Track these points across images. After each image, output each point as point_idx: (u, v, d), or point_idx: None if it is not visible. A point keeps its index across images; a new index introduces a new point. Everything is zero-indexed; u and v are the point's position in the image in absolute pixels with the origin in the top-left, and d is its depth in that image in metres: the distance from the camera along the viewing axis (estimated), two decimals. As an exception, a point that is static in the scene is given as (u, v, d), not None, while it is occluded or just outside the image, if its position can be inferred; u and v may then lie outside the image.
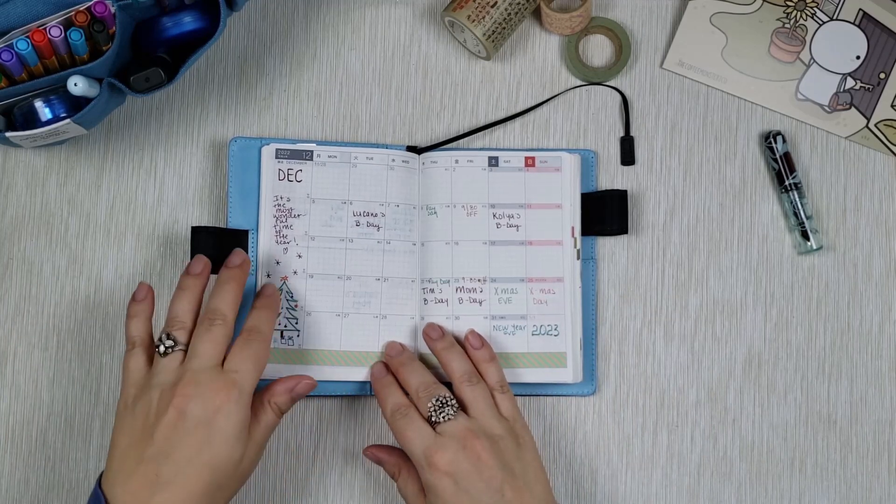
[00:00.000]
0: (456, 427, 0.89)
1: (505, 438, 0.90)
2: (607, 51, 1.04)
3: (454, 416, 0.90)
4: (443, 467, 0.88)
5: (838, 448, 1.00)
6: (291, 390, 0.91)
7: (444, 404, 0.90)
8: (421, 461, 0.89)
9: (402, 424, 0.90)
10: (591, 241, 1.01)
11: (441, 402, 0.91)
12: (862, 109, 1.03)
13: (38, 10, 0.89)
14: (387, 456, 0.94)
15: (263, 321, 0.90)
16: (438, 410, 0.90)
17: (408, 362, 0.95)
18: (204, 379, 0.86)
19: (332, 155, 1.00)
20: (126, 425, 0.86)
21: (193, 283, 0.91)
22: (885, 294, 1.01)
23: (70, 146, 1.01)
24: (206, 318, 0.88)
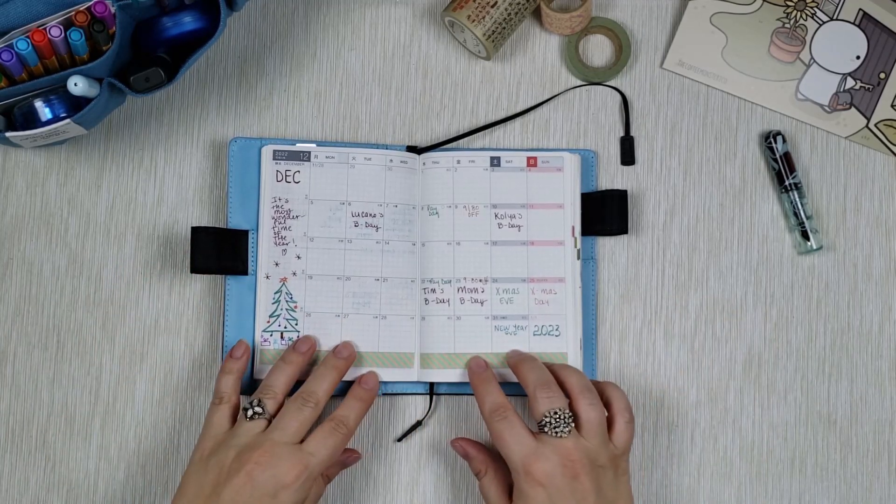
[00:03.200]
0: (566, 445, 0.88)
1: (606, 468, 0.89)
2: (607, 51, 1.04)
3: (566, 435, 0.88)
4: (540, 478, 0.87)
5: (838, 448, 1.00)
6: (341, 463, 0.96)
7: (562, 420, 0.88)
8: (518, 467, 0.88)
9: (502, 427, 0.89)
10: (592, 241, 1.01)
11: (560, 417, 0.89)
12: (862, 109, 1.03)
13: (38, 10, 0.89)
14: (476, 452, 0.94)
15: (354, 414, 0.92)
16: (554, 424, 0.88)
17: (528, 359, 0.94)
18: (281, 453, 0.87)
19: (329, 156, 1.00)
20: (197, 476, 0.88)
21: (297, 359, 0.94)
22: (885, 294, 1.01)
23: (70, 146, 1.01)
24: (300, 397, 0.91)
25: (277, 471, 0.86)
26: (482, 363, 0.95)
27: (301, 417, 0.89)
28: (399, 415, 0.99)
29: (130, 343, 0.99)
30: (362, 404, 0.93)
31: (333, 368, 0.93)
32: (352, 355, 0.95)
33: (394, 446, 0.99)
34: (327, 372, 0.93)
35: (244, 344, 0.95)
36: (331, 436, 0.89)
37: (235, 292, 0.98)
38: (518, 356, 0.95)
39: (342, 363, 0.94)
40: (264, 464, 0.86)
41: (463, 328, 0.98)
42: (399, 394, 0.99)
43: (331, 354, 0.95)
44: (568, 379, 0.92)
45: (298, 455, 0.87)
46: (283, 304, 0.97)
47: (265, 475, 0.86)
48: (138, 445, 0.98)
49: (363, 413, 0.93)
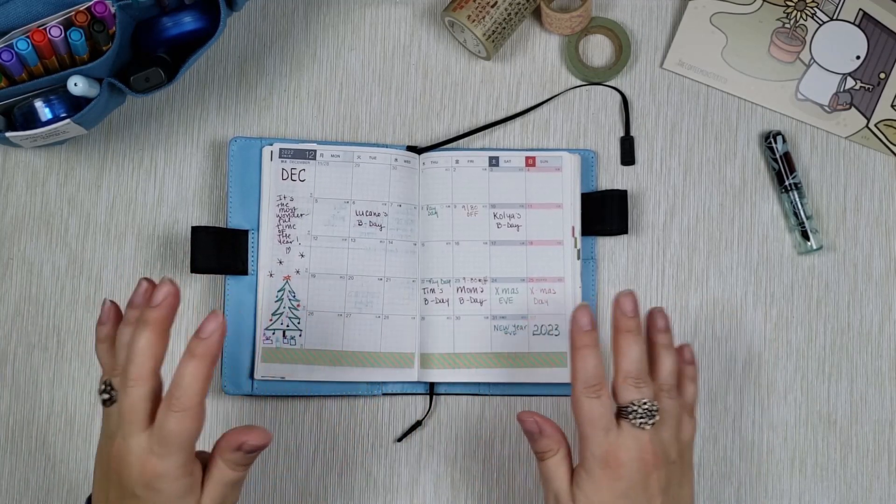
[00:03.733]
0: (645, 438, 0.83)
1: (676, 465, 0.85)
2: (607, 51, 1.04)
3: (650, 429, 0.83)
4: (616, 468, 0.82)
5: (838, 448, 1.00)
6: (239, 447, 0.79)
7: (650, 413, 0.83)
8: (596, 451, 0.83)
9: (592, 406, 0.82)
10: (591, 241, 1.01)
11: (647, 409, 0.83)
12: (862, 109, 1.03)
13: (38, 10, 0.89)
14: (552, 430, 0.86)
15: (187, 381, 0.77)
16: (640, 415, 0.83)
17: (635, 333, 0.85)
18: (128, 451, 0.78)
19: (334, 154, 1.00)
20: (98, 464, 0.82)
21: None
22: (885, 294, 1.01)
23: (70, 146, 1.01)
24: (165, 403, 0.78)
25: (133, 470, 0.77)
26: (588, 320, 0.84)
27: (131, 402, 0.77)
28: (399, 415, 0.99)
29: (130, 343, 0.99)
30: (199, 362, 0.77)
31: (197, 357, 0.77)
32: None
33: (394, 446, 0.99)
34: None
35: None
36: (167, 420, 0.76)
37: (235, 292, 0.98)
38: (625, 325, 0.85)
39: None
40: (123, 461, 0.78)
41: (462, 328, 0.98)
42: (399, 394, 0.99)
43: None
44: (662, 366, 0.87)
45: (146, 458, 0.77)
46: (286, 303, 0.97)
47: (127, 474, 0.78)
48: (138, 445, 0.98)
49: (204, 374, 0.77)
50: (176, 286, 0.79)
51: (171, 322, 0.79)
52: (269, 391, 0.97)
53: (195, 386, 0.76)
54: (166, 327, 0.78)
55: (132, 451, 0.77)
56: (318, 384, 0.98)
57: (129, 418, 0.77)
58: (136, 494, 0.78)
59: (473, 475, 0.99)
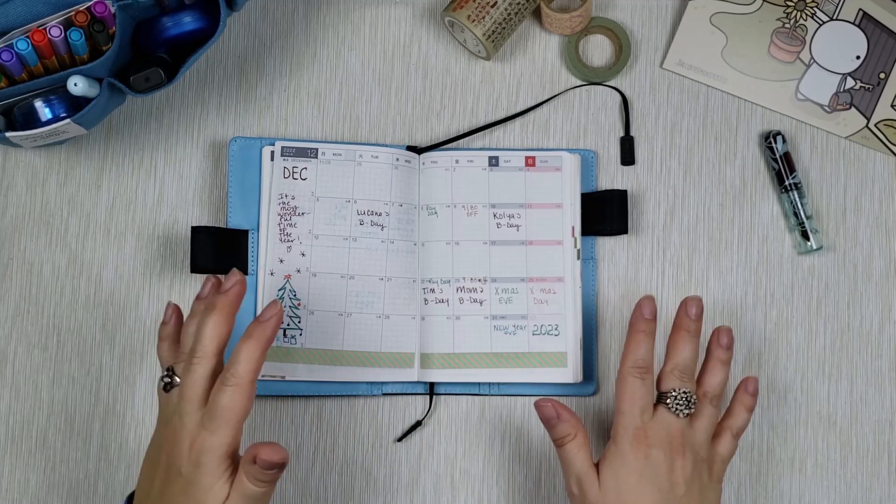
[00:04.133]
0: (677, 425, 0.88)
1: (704, 464, 0.89)
2: (607, 51, 1.04)
3: (684, 418, 0.88)
4: (645, 447, 0.86)
5: (838, 448, 1.00)
6: (254, 459, 0.80)
7: (686, 403, 0.88)
8: (629, 427, 0.87)
9: (635, 385, 0.88)
10: (591, 241, 1.01)
11: (686, 399, 0.89)
12: (862, 109, 1.03)
13: (38, 10, 0.89)
14: (569, 416, 0.89)
15: (243, 359, 0.81)
16: (678, 401, 0.88)
17: (693, 335, 0.91)
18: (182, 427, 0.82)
19: (336, 153, 1.00)
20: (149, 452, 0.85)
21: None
22: (885, 294, 1.01)
23: (70, 146, 1.01)
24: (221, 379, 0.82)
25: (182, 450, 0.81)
26: (654, 310, 0.91)
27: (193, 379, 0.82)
28: (399, 415, 0.99)
29: (130, 343, 0.99)
30: (255, 343, 0.81)
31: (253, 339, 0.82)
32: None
33: (394, 446, 0.99)
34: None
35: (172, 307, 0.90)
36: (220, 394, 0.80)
37: (235, 292, 0.98)
38: (686, 325, 0.91)
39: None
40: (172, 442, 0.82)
41: (462, 328, 0.98)
42: (399, 394, 0.99)
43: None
44: (712, 376, 0.92)
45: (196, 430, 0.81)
46: (287, 302, 0.97)
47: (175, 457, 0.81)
48: (138, 445, 0.98)
49: (258, 355, 0.81)
50: (243, 276, 0.85)
51: (236, 308, 0.84)
52: (269, 391, 0.97)
53: (249, 364, 0.81)
54: (232, 312, 0.83)
55: (185, 427, 0.82)
56: (318, 384, 0.98)
57: (189, 394, 0.82)
58: (182, 473, 0.81)
59: (473, 475, 0.99)
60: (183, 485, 0.81)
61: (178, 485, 0.81)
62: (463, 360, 0.98)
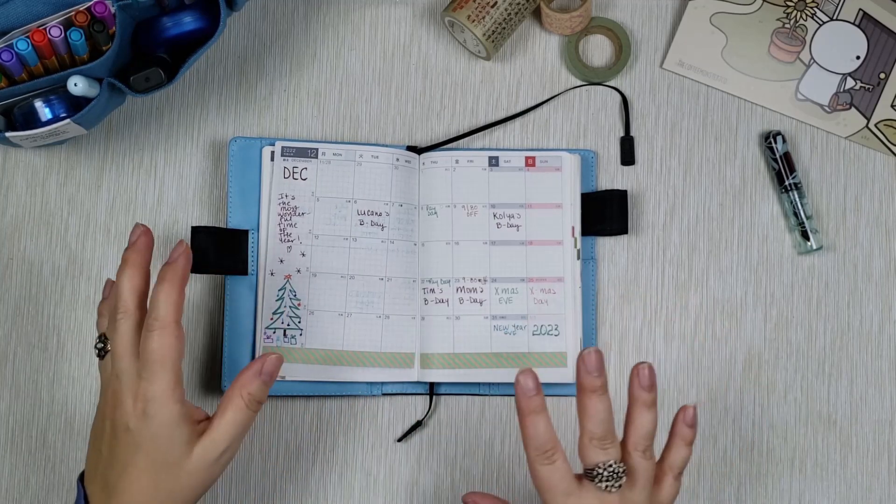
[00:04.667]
0: (608, 498, 0.79)
1: None
2: (607, 51, 1.04)
3: (616, 491, 0.79)
4: None
5: (838, 448, 1.00)
6: (259, 373, 0.83)
7: (615, 476, 0.79)
8: None
9: (547, 472, 0.80)
10: (591, 241, 1.01)
11: (613, 472, 0.79)
12: (862, 109, 1.03)
13: (38, 10, 0.89)
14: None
15: (161, 302, 0.81)
16: (606, 478, 0.79)
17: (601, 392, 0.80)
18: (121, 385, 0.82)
19: (336, 153, 1.00)
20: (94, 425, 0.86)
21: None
22: (885, 294, 1.01)
23: (70, 146, 1.01)
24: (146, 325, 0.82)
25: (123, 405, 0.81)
26: (532, 384, 0.79)
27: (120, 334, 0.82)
28: (399, 415, 0.99)
29: (130, 343, 0.99)
30: (169, 284, 0.82)
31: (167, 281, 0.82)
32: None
33: (394, 446, 0.99)
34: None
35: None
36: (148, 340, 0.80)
37: (235, 292, 0.98)
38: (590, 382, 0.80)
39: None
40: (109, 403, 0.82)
41: (462, 328, 0.98)
42: (399, 394, 0.99)
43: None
44: (638, 425, 0.81)
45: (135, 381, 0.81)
46: (287, 302, 0.97)
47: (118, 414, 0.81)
48: (138, 445, 0.98)
49: (175, 296, 0.82)
50: (146, 227, 0.86)
51: (147, 259, 0.85)
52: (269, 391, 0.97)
53: (168, 305, 0.81)
54: (143, 263, 0.85)
55: (124, 384, 0.81)
56: (318, 384, 0.98)
57: (120, 351, 0.82)
58: (129, 428, 0.81)
59: (473, 475, 0.99)
60: (133, 441, 0.80)
61: (128, 442, 0.80)
62: (463, 360, 0.98)
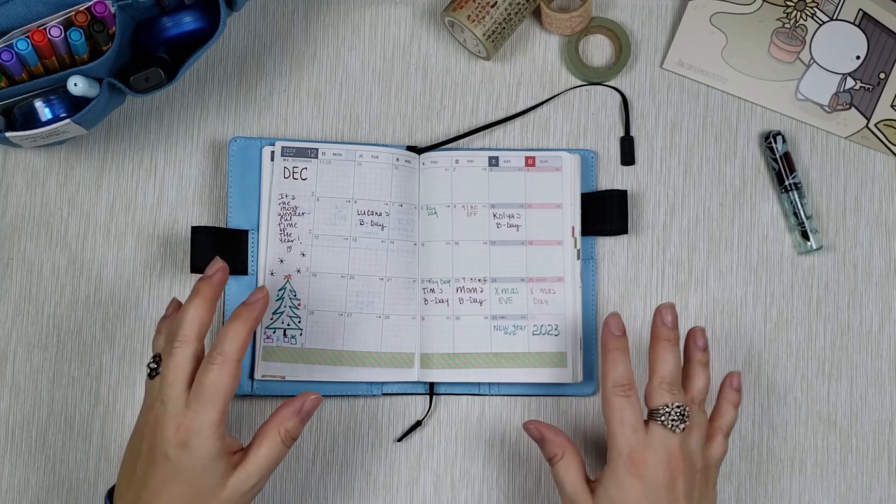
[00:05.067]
0: (674, 442, 0.85)
1: (700, 475, 0.87)
2: (607, 51, 1.04)
3: (680, 433, 0.86)
4: (642, 469, 0.84)
5: (838, 448, 1.00)
6: (299, 411, 0.85)
7: (682, 417, 0.86)
8: (623, 450, 0.85)
9: (622, 405, 0.86)
10: (591, 241, 1.01)
11: (679, 413, 0.86)
12: (862, 109, 1.03)
13: (38, 10, 0.89)
14: (553, 435, 0.89)
15: (229, 338, 0.83)
16: (672, 417, 0.86)
17: (673, 343, 0.89)
18: (165, 411, 0.82)
19: (336, 153, 1.00)
20: (130, 442, 0.86)
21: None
22: (885, 294, 1.01)
23: (70, 146, 1.01)
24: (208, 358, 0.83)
25: (167, 432, 0.81)
26: (621, 325, 0.89)
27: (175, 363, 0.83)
28: (399, 415, 0.99)
29: (130, 343, 0.99)
30: (242, 323, 0.83)
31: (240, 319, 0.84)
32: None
33: (394, 446, 0.99)
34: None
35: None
36: (206, 373, 0.81)
37: (235, 292, 0.98)
38: (665, 335, 0.89)
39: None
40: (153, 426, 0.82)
41: (462, 328, 0.98)
42: (399, 394, 0.99)
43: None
44: (696, 381, 0.90)
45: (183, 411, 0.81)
46: (287, 302, 0.97)
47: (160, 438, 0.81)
48: (138, 445, 0.98)
49: (245, 335, 0.83)
50: (225, 264, 0.87)
51: (218, 294, 0.85)
52: (269, 391, 0.97)
53: (236, 343, 0.82)
54: (214, 297, 0.85)
55: (169, 412, 0.82)
56: (318, 384, 0.98)
57: (171, 378, 0.82)
58: (168, 456, 0.81)
59: (473, 475, 0.99)
60: (170, 469, 0.81)
61: (165, 469, 0.81)
62: (463, 360, 0.98)
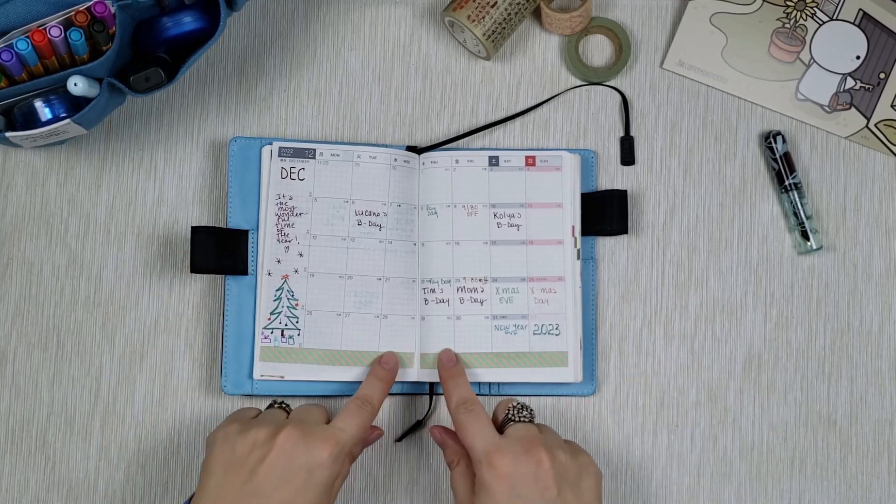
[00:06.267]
0: (525, 431, 0.88)
1: (568, 460, 0.87)
2: (607, 51, 1.04)
3: (530, 419, 0.90)
4: (502, 469, 0.85)
5: (838, 448, 1.00)
6: (365, 441, 0.93)
7: (525, 408, 0.91)
8: (481, 458, 0.87)
9: (467, 419, 0.90)
10: (591, 240, 1.01)
11: (521, 406, 0.91)
12: (862, 109, 1.03)
13: (38, 10, 0.89)
14: (452, 442, 0.92)
15: (376, 392, 0.93)
16: (519, 409, 0.91)
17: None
18: (313, 430, 0.87)
19: (334, 153, 1.00)
20: (224, 454, 0.86)
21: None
22: (885, 294, 1.01)
23: (70, 146, 1.01)
24: (357, 400, 0.92)
25: (311, 446, 0.85)
26: (452, 356, 0.97)
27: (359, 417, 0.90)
28: (399, 415, 0.99)
29: (130, 343, 0.99)
30: (383, 383, 0.94)
31: (380, 379, 0.95)
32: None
33: (394, 446, 0.99)
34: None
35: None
36: (358, 413, 0.90)
37: (235, 292, 0.98)
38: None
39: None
40: (295, 438, 0.86)
41: (463, 328, 0.98)
42: (399, 394, 0.99)
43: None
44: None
45: (329, 431, 0.87)
46: (285, 302, 0.97)
47: (299, 451, 0.85)
48: (138, 445, 0.98)
49: (385, 391, 0.94)
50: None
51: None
52: (269, 391, 0.97)
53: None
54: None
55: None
56: (317, 384, 0.98)
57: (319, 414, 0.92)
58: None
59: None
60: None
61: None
62: (463, 359, 0.98)
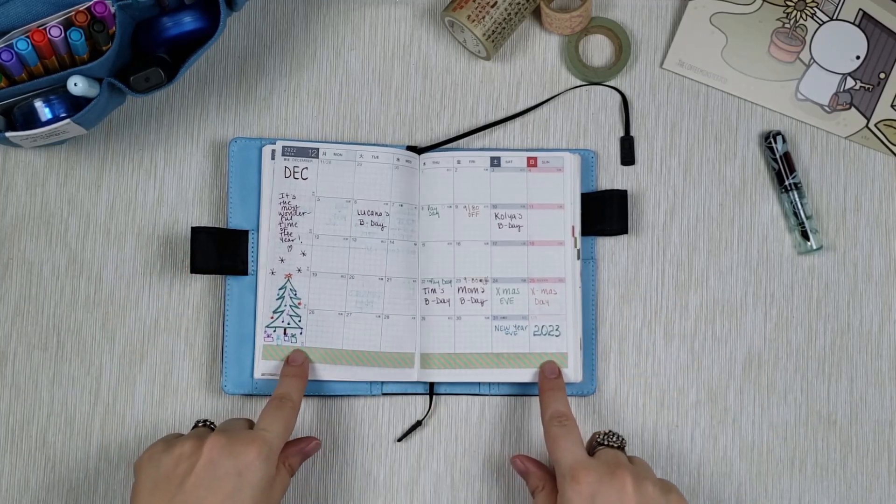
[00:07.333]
0: (614, 456, 0.88)
1: (657, 494, 0.86)
2: (607, 51, 1.04)
3: (619, 445, 0.90)
4: (585, 486, 0.85)
5: (838, 448, 1.00)
6: (302, 451, 0.93)
7: (615, 435, 0.91)
8: (566, 473, 0.86)
9: (559, 433, 0.90)
10: (591, 241, 1.01)
11: (612, 433, 0.91)
12: (862, 109, 1.03)
13: (38, 10, 0.89)
14: (535, 468, 0.92)
15: (294, 389, 0.93)
16: (609, 436, 0.90)
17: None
18: (235, 434, 0.87)
19: (337, 153, 1.00)
20: (150, 476, 0.86)
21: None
22: (885, 294, 1.01)
23: (70, 146, 1.01)
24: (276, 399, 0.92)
25: (236, 449, 0.85)
26: (555, 369, 0.97)
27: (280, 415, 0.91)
28: (399, 415, 0.99)
29: (130, 343, 0.99)
30: (297, 379, 0.94)
31: (293, 376, 0.95)
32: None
33: (394, 446, 0.99)
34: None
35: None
36: (278, 411, 0.90)
37: (235, 292, 0.98)
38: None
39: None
40: (221, 444, 0.85)
41: (463, 328, 0.98)
42: (399, 394, 0.99)
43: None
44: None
45: (254, 433, 0.87)
46: (287, 301, 0.97)
47: (225, 456, 0.85)
48: (138, 445, 0.98)
49: (301, 387, 0.94)
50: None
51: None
52: (269, 391, 0.97)
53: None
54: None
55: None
56: (317, 384, 0.98)
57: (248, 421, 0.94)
58: None
59: (473, 475, 0.99)
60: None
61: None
62: (463, 360, 0.98)
